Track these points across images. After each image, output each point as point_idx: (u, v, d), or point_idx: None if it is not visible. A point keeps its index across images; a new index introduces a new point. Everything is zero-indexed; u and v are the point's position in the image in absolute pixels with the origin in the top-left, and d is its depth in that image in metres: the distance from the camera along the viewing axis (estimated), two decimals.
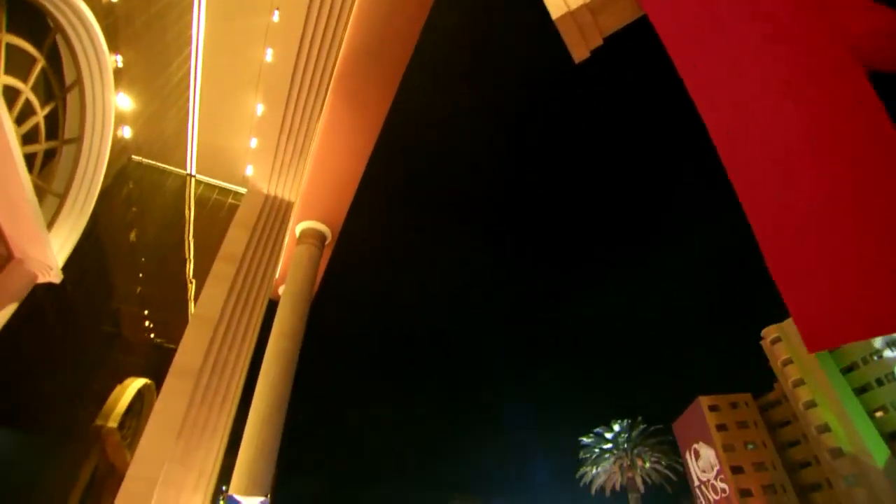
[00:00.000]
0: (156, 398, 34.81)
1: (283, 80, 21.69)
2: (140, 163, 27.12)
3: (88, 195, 15.45)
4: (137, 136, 22.37)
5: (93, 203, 15.65)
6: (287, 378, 26.89)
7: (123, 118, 19.41)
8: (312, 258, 32.22)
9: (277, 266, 24.68)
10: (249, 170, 24.98)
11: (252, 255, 21.28)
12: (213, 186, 29.08)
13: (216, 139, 25.44)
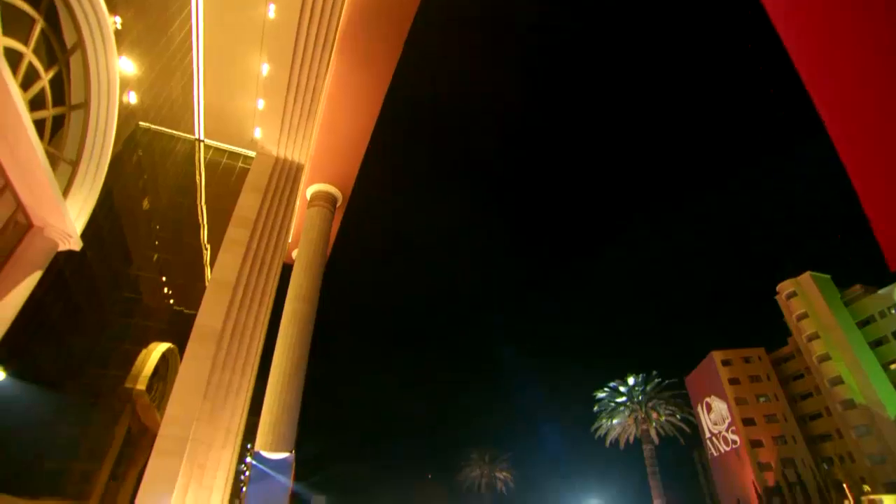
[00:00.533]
0: (179, 362, 35.94)
1: (288, 38, 20.99)
2: (148, 129, 26.86)
3: (100, 162, 15.35)
4: (143, 102, 22.03)
5: (105, 170, 15.57)
6: (305, 340, 27.49)
7: (128, 83, 19.04)
8: (324, 221, 32.21)
9: (290, 229, 24.72)
10: (258, 132, 24.64)
11: (265, 219, 21.28)
12: (223, 151, 28.84)
13: (223, 102, 24.99)
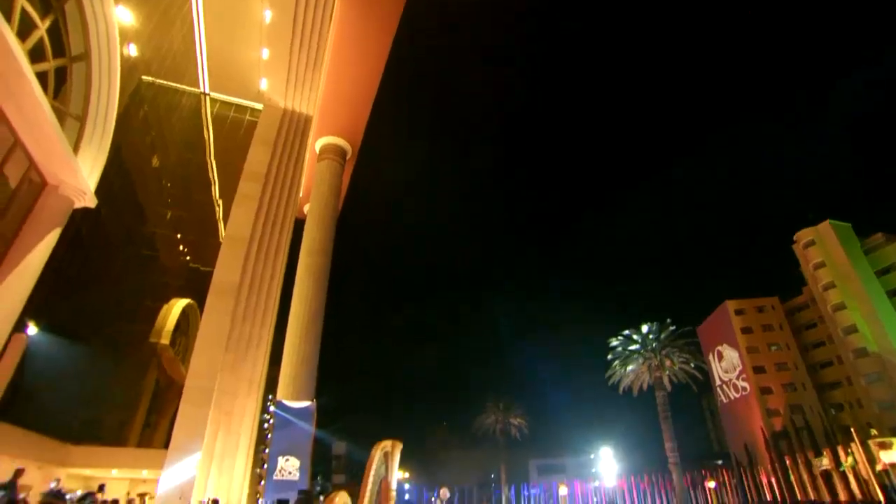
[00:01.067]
0: (199, 317, 36.83)
1: None
2: (152, 83, 26.23)
3: (107, 117, 15.07)
4: (144, 54, 21.36)
5: (112, 125, 15.30)
6: (320, 293, 27.87)
7: (127, 34, 18.37)
8: (334, 174, 31.87)
9: (301, 183, 24.50)
10: (264, 83, 23.94)
11: (276, 173, 21.04)
12: (229, 104, 28.21)
13: (226, 52, 24.17)
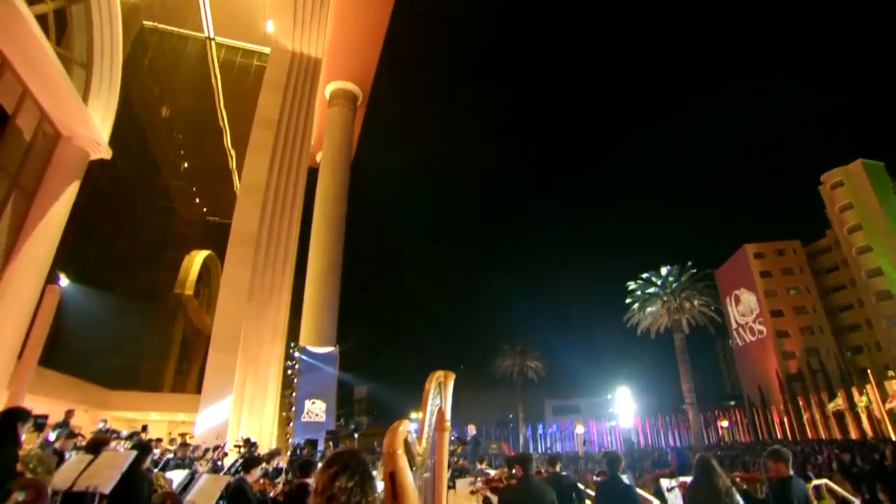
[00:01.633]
0: (220, 268, 37.52)
1: None
2: (155, 28, 25.32)
3: (113, 64, 14.61)
4: None
5: (119, 73, 14.86)
6: (337, 240, 27.98)
7: None
8: (346, 121, 31.16)
9: (313, 130, 23.99)
10: (270, 25, 22.91)
11: (288, 119, 20.56)
12: (236, 49, 27.26)
13: None
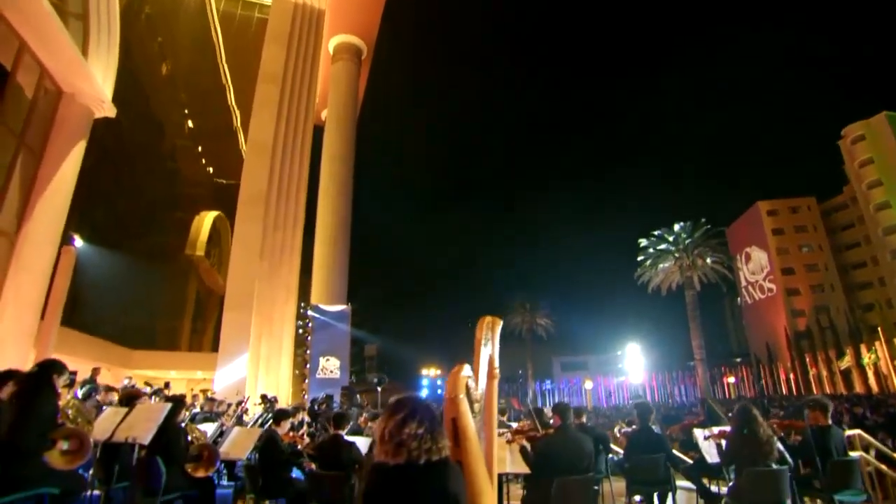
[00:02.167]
0: (229, 228, 37.55)
1: None
2: None
3: (110, 15, 14.02)
4: None
5: (117, 25, 14.29)
6: (346, 198, 27.73)
7: None
8: (351, 75, 30.22)
9: (318, 85, 23.33)
10: None
11: (293, 74, 19.92)
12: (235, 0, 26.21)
13: None
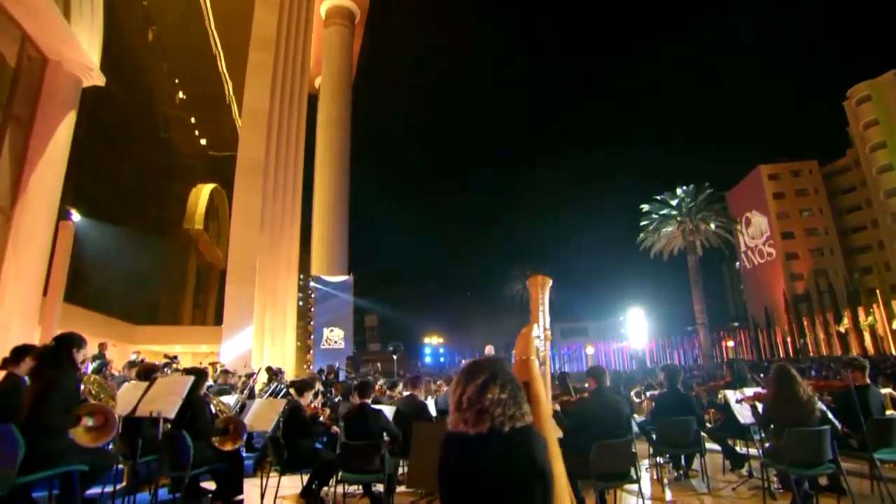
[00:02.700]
0: (226, 201, 37.15)
1: None
2: None
3: None
4: None
5: None
6: (343, 169, 27.37)
7: None
8: (344, 40, 29.35)
9: (311, 50, 22.63)
10: None
11: (286, 39, 19.27)
12: None
13: None
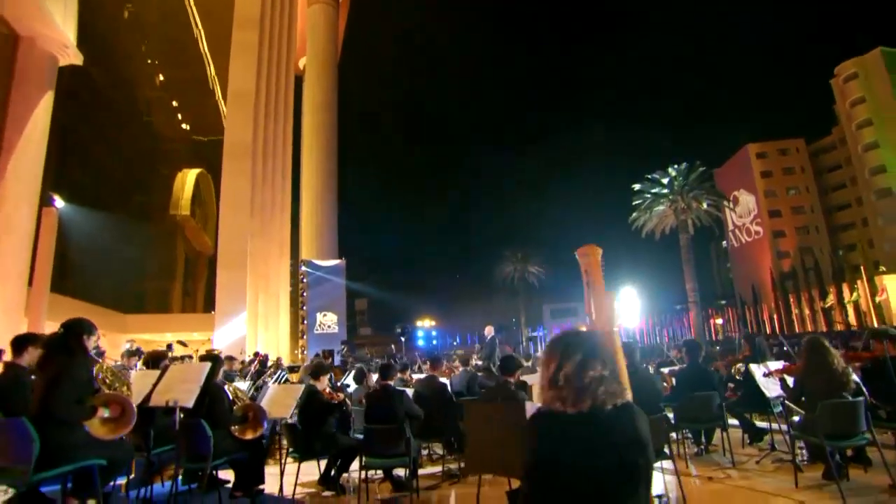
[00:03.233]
0: (212, 186, 36.44)
1: None
2: None
3: None
4: None
5: None
6: (331, 152, 26.84)
7: None
8: (329, 19, 28.53)
9: (297, 29, 21.99)
10: None
11: (270, 19, 18.65)
12: None
13: None
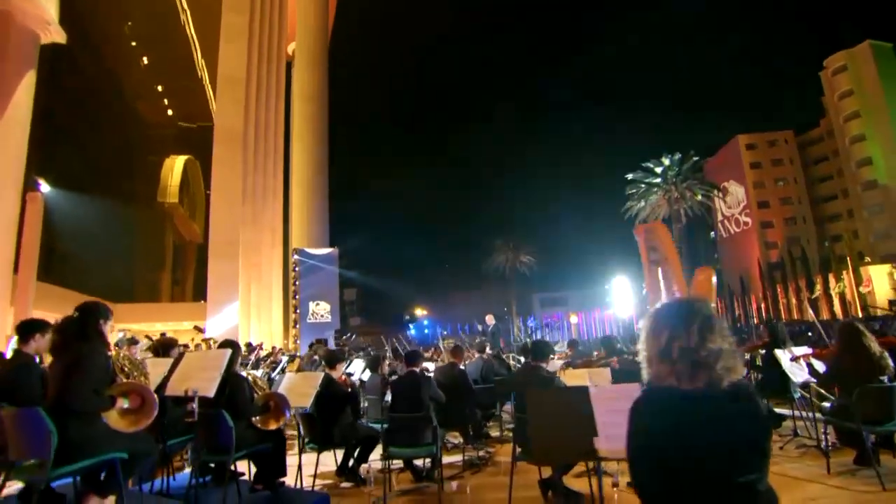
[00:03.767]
0: (200, 173, 35.77)
1: None
2: None
3: None
4: None
5: None
6: (322, 139, 26.37)
7: None
8: (319, 4, 27.93)
9: (287, 12, 21.49)
10: None
11: (261, 2, 18.18)
12: None
13: None
